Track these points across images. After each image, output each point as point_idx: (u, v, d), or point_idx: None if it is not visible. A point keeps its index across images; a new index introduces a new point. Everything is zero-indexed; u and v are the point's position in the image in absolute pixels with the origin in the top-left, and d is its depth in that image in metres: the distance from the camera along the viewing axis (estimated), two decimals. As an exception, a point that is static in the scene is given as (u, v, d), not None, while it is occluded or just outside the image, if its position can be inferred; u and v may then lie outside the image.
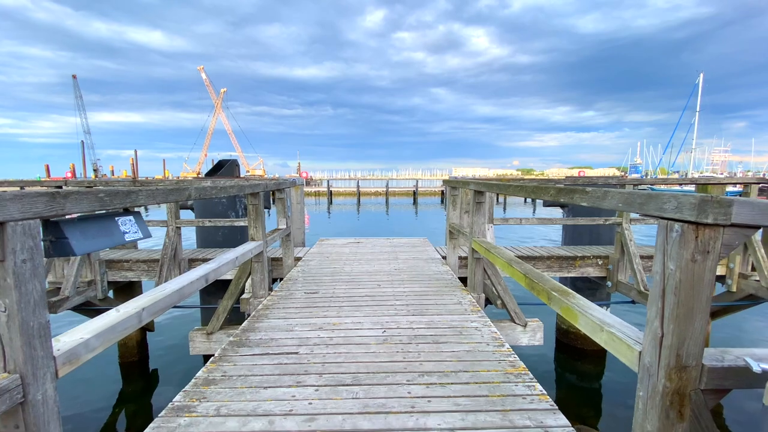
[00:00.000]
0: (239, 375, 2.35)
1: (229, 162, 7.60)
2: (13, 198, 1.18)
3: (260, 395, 2.13)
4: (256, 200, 3.69)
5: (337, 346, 2.74)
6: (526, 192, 2.48)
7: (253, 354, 2.63)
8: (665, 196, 1.32)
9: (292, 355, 2.62)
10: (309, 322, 3.21)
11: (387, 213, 33.74)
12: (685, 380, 1.32)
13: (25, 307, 1.24)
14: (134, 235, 1.76)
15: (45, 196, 1.30)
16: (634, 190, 1.52)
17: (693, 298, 1.27)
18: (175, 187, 2.10)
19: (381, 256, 5.91)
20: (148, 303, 1.92)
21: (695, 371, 1.32)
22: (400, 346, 2.75)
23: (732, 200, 1.20)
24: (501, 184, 3.15)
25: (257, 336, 2.93)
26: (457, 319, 3.26)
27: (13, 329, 1.23)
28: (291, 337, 2.91)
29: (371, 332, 2.99)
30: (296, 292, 4.03)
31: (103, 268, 5.53)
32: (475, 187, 3.76)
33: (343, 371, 2.39)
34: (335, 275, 4.73)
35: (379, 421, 1.90)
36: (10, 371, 1.25)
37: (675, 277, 1.27)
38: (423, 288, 4.18)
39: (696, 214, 1.20)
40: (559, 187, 2.00)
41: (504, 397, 2.09)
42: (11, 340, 1.23)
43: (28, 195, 1.24)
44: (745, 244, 5.69)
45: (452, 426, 1.85)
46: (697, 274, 1.26)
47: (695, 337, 1.30)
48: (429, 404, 2.04)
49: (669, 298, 1.30)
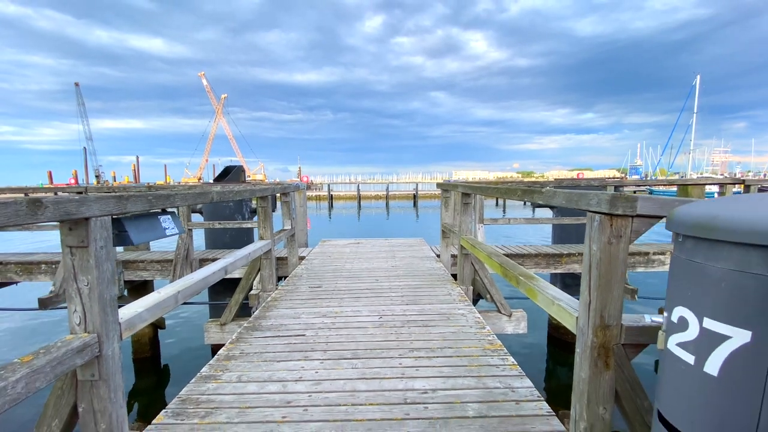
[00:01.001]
0: (255, 352, 2.73)
1: (235, 168, 8.01)
2: (95, 200, 1.57)
3: (274, 367, 2.51)
4: (265, 203, 4.08)
5: (338, 330, 3.12)
6: (500, 193, 2.88)
7: (265, 336, 3.02)
8: (591, 195, 1.71)
9: (299, 336, 3.00)
10: (313, 311, 3.60)
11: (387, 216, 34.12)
12: (609, 337, 1.70)
13: (102, 282, 1.63)
14: (172, 230, 2.15)
15: (114, 198, 1.69)
16: (572, 191, 1.91)
17: (611, 272, 1.65)
18: (201, 191, 2.50)
19: (380, 255, 6.30)
20: (182, 287, 2.31)
21: (616, 329, 1.70)
22: (394, 329, 3.13)
23: (637, 197, 1.59)
24: (482, 187, 3.55)
25: (268, 322, 3.31)
26: (446, 307, 3.65)
27: (93, 299, 1.62)
28: (298, 323, 3.30)
29: (369, 318, 3.37)
30: (301, 287, 4.42)
31: (119, 267, 5.92)
32: (462, 189, 4.15)
33: (344, 348, 2.77)
34: (337, 272, 5.12)
35: (374, 384, 2.28)
36: (89, 332, 1.64)
37: (597, 256, 1.66)
38: (417, 282, 4.57)
39: (609, 208, 1.59)
40: (523, 189, 2.40)
41: (480, 367, 2.47)
42: (91, 308, 1.62)
43: (104, 197, 1.63)
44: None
45: (434, 387, 2.23)
46: (613, 254, 1.64)
47: (614, 303, 1.68)
48: (416, 372, 2.42)
49: (594, 272, 1.68)
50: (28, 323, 8.43)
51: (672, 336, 1.32)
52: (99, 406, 1.66)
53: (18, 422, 4.91)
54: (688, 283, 1.28)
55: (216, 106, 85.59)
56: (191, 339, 7.84)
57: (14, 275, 6.18)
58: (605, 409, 1.74)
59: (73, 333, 1.62)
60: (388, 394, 2.17)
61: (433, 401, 2.10)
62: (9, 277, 6.20)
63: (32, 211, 1.31)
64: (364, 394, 2.18)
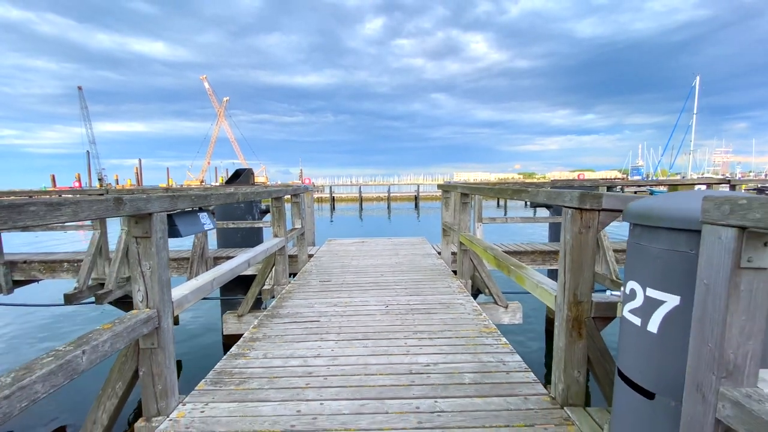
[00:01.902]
0: (276, 335, 3.07)
1: (245, 171, 8.38)
2: (156, 198, 1.92)
3: (294, 346, 2.85)
4: (279, 203, 4.43)
5: (349, 317, 3.46)
6: (494, 192, 3.22)
7: (284, 322, 3.35)
8: (565, 193, 2.05)
9: (314, 322, 3.34)
10: (325, 301, 3.93)
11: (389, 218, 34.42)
12: (581, 311, 2.03)
13: (160, 267, 1.97)
14: (209, 225, 2.50)
15: (169, 197, 2.04)
16: (552, 190, 2.24)
17: (582, 256, 1.99)
18: (230, 192, 2.85)
19: (384, 252, 6.63)
20: (217, 275, 2.65)
21: (587, 305, 2.03)
22: (399, 315, 3.46)
23: (602, 194, 1.93)
24: (479, 187, 3.88)
25: (285, 311, 3.65)
26: (446, 297, 3.98)
27: (154, 280, 1.96)
28: (312, 311, 3.64)
29: (376, 307, 3.71)
30: (312, 281, 4.76)
31: (138, 265, 6.26)
32: (461, 189, 4.49)
33: (356, 331, 3.11)
34: (344, 268, 5.46)
35: (383, 359, 2.62)
36: (150, 308, 1.98)
37: (570, 243, 1.99)
38: (419, 276, 4.90)
39: (579, 203, 1.93)
40: (513, 189, 2.73)
41: (476, 345, 2.80)
42: (152, 288, 1.96)
43: (162, 197, 1.97)
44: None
45: (436, 361, 2.57)
46: (583, 242, 1.98)
47: (585, 283, 2.01)
48: (420, 350, 2.75)
49: (567, 257, 2.02)
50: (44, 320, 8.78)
51: (626, 305, 1.67)
52: (157, 370, 2.00)
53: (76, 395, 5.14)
54: (637, 262, 1.62)
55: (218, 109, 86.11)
56: (202, 335, 8.17)
57: (38, 273, 6.54)
58: (579, 372, 2.07)
59: (137, 309, 1.96)
60: (395, 366, 2.51)
61: (434, 372, 2.43)
62: (33, 275, 6.56)
63: (116, 207, 1.65)
64: (374, 366, 2.51)
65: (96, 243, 5.92)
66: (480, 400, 2.12)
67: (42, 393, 1.29)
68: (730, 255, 1.08)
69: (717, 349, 1.12)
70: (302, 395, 2.19)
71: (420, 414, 1.99)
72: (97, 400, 2.01)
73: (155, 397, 2.02)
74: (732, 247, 1.08)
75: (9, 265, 6.43)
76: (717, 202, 1.11)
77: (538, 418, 1.97)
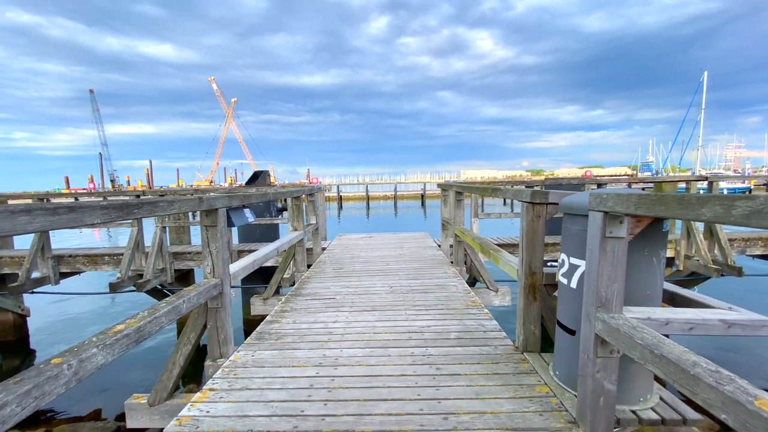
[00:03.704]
0: (301, 308, 3.78)
1: (262, 173, 9.14)
2: (220, 197, 2.62)
3: (316, 316, 3.56)
4: (299, 202, 5.14)
5: (360, 295, 4.16)
6: (479, 191, 3.89)
7: (306, 299, 4.06)
8: (523, 191, 2.71)
9: (331, 299, 4.04)
10: (339, 284, 4.64)
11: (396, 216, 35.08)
12: (535, 279, 2.70)
13: (222, 248, 2.68)
14: (251, 219, 3.21)
15: (227, 197, 2.74)
16: (515, 188, 2.91)
17: (534, 239, 2.66)
18: (263, 193, 3.56)
19: (389, 245, 7.33)
20: (257, 258, 3.36)
21: (539, 275, 2.70)
22: (401, 294, 4.15)
23: (548, 192, 2.59)
24: (468, 186, 4.55)
25: (306, 291, 4.36)
26: (442, 281, 4.66)
27: (218, 258, 2.67)
28: (329, 291, 4.34)
29: (382, 288, 4.40)
30: (327, 269, 5.47)
31: (170, 258, 7.03)
32: (456, 188, 5.16)
33: (365, 305, 3.81)
34: (354, 258, 6.16)
35: (388, 324, 3.31)
36: (216, 277, 2.69)
37: (525, 229, 2.66)
38: (420, 264, 5.59)
39: (531, 199, 2.59)
40: (492, 188, 3.40)
41: (462, 314, 3.48)
42: (217, 263, 2.67)
43: (221, 197, 2.68)
44: (688, 232, 6.97)
45: (429, 325, 3.25)
46: (535, 228, 2.64)
47: (537, 259, 2.68)
48: (417, 317, 3.44)
49: (524, 239, 2.68)
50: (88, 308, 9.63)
51: (559, 271, 2.34)
52: (220, 324, 2.72)
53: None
54: (565, 240, 2.30)
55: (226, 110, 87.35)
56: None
57: (81, 266, 7.34)
58: (535, 327, 2.74)
59: (206, 278, 2.68)
60: (397, 328, 3.20)
61: (427, 332, 3.12)
62: (77, 268, 7.36)
63: (199, 204, 2.36)
64: (381, 328, 3.21)
65: (134, 238, 6.69)
66: (461, 348, 2.81)
67: (165, 323, 2.00)
68: (600, 229, 1.75)
69: (595, 290, 1.80)
70: (326, 346, 2.89)
71: (414, 356, 2.68)
72: (176, 347, 2.72)
73: (218, 344, 2.74)
74: (601, 224, 1.75)
75: (56, 259, 7.25)
76: (593, 196, 1.78)
77: (503, 358, 2.64)
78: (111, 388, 5.82)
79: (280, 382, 2.38)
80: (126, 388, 5.51)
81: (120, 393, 5.28)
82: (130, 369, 6.43)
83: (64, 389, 1.38)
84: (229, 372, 2.53)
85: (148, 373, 6.25)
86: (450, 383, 2.33)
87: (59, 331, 8.61)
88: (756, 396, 1.10)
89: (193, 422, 2.01)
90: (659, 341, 1.46)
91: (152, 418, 2.64)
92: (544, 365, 2.55)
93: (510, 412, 2.03)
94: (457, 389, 2.26)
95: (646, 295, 2.06)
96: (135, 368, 6.49)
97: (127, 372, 6.34)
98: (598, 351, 1.81)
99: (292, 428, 1.92)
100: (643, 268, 2.04)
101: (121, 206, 1.66)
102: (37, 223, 1.27)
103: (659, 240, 2.04)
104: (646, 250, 2.02)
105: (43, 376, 1.30)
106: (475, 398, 2.17)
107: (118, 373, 6.23)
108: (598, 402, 1.84)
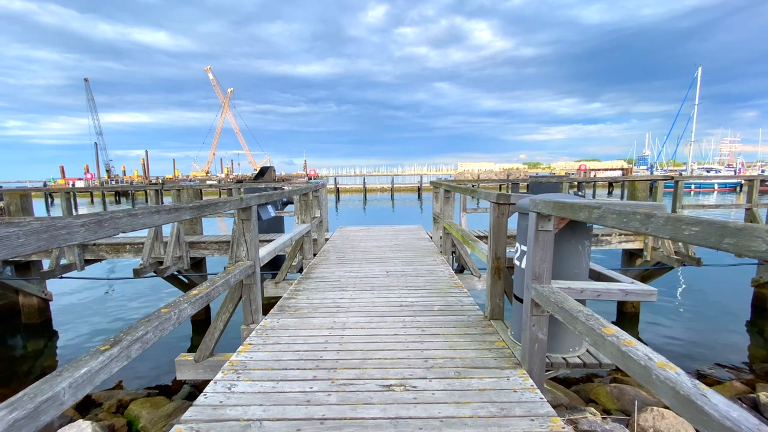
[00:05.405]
0: (311, 288, 4.52)
1: (268, 169, 9.82)
2: (254, 197, 3.33)
3: (325, 294, 4.30)
4: (306, 197, 5.85)
5: (361, 279, 4.90)
6: (460, 191, 4.61)
7: (315, 281, 4.81)
8: (492, 193, 3.44)
9: (336, 282, 4.79)
10: (342, 269, 5.38)
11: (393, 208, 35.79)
12: (500, 263, 3.44)
13: (254, 237, 3.40)
14: (273, 214, 3.92)
15: (257, 196, 3.45)
16: (487, 191, 3.64)
17: (499, 232, 3.39)
18: (281, 191, 4.27)
19: (386, 237, 8.07)
20: (277, 245, 4.09)
21: (503, 259, 3.44)
22: (395, 278, 4.90)
23: (510, 195, 3.32)
24: (456, 186, 5.28)
25: (314, 275, 5.10)
26: (431, 267, 5.41)
27: (252, 244, 3.39)
28: (334, 275, 5.08)
29: (379, 273, 5.15)
30: (331, 257, 6.20)
31: (186, 247, 7.73)
32: (444, 187, 5.89)
33: (366, 286, 4.55)
34: (355, 248, 6.90)
35: (384, 300, 4.06)
36: (249, 260, 3.41)
37: (492, 223, 3.39)
38: (413, 253, 6.34)
39: (497, 200, 3.32)
40: (470, 189, 4.13)
41: (446, 293, 4.24)
42: (251, 248, 3.39)
43: (254, 196, 3.39)
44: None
45: (418, 301, 4.01)
46: (501, 223, 3.38)
47: (501, 246, 3.42)
48: (408, 295, 4.19)
49: (492, 232, 3.42)
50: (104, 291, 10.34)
51: (515, 256, 3.08)
52: (252, 297, 3.45)
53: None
54: (519, 231, 3.03)
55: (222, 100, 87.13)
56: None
57: (104, 254, 8.04)
58: (499, 300, 3.49)
59: (241, 261, 3.40)
60: (392, 303, 3.95)
61: (416, 306, 3.87)
62: (100, 256, 8.06)
63: (240, 202, 3.08)
64: (379, 303, 3.96)
65: (154, 229, 7.38)
66: (442, 317, 3.56)
67: (221, 291, 2.73)
68: (535, 224, 2.49)
69: (532, 267, 2.53)
70: (335, 316, 3.64)
71: (405, 322, 3.44)
72: (217, 315, 3.45)
73: (251, 313, 3.47)
74: (535, 221, 2.48)
75: (81, 247, 7.94)
76: (532, 202, 2.51)
77: (474, 324, 3.40)
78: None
79: (302, 339, 3.13)
80: (128, 385, 6.12)
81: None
82: (130, 369, 6.78)
83: (173, 328, 2.11)
84: (262, 332, 3.27)
85: (148, 373, 6.71)
86: (432, 340, 3.08)
87: (78, 315, 9.34)
88: (604, 325, 1.85)
89: (241, 364, 2.74)
90: (564, 299, 2.21)
91: (197, 371, 3.37)
92: (504, 328, 3.31)
93: (473, 358, 2.79)
94: (436, 344, 3.01)
95: (574, 273, 2.81)
96: (134, 367, 6.89)
97: (127, 371, 6.81)
98: (533, 311, 2.56)
99: (315, 366, 2.67)
100: (572, 253, 2.79)
101: (200, 207, 2.37)
102: (162, 220, 1.98)
103: (584, 233, 2.79)
104: (574, 240, 2.76)
105: (163, 317, 2.03)
106: (449, 350, 2.92)
107: (118, 373, 6.69)
108: (534, 348, 2.59)
